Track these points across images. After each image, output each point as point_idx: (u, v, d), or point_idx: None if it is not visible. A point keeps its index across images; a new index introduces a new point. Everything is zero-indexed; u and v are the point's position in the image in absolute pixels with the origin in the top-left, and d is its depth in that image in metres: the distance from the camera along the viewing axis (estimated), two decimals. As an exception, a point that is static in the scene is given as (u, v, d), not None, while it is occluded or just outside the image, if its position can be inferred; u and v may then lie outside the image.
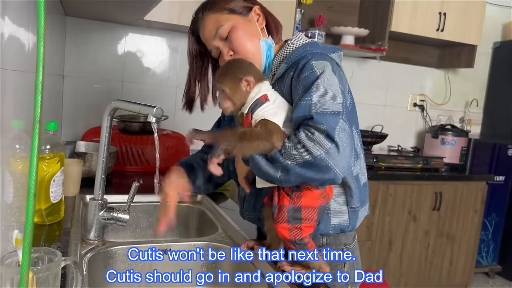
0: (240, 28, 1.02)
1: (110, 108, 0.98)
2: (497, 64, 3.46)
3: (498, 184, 3.16)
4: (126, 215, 1.03)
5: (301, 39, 1.04)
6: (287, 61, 0.99)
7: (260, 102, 0.88)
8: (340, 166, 0.80)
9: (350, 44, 2.69)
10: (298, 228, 0.87)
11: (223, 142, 0.84)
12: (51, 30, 1.59)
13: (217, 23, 1.02)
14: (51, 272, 0.62)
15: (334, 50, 1.04)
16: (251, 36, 1.03)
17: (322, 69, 0.91)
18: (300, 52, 0.99)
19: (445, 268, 2.83)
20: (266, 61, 1.04)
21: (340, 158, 0.80)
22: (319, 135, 0.80)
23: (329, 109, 0.84)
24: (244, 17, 1.04)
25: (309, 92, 0.87)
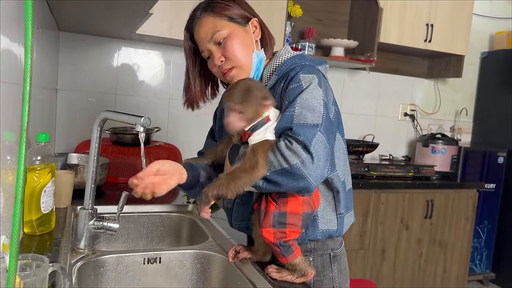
0: (236, 37, 1.05)
1: (100, 118, 1.01)
2: (485, 73, 3.52)
3: (489, 191, 3.19)
4: (116, 224, 1.04)
5: (288, 51, 1.08)
6: (278, 73, 1.03)
7: (261, 122, 0.92)
8: (313, 176, 0.86)
9: (340, 56, 2.74)
10: (283, 232, 0.90)
11: (210, 190, 0.88)
12: (44, 45, 1.62)
13: (215, 27, 1.04)
14: (38, 278, 0.64)
15: (320, 62, 1.07)
16: (245, 47, 1.06)
17: (309, 82, 0.95)
18: (289, 64, 1.02)
19: (439, 276, 2.83)
20: (255, 73, 1.08)
21: (314, 168, 0.85)
22: (297, 145, 0.85)
23: (309, 121, 0.89)
24: (242, 27, 1.06)
25: (293, 104, 0.92)
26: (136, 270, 1.09)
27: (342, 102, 3.03)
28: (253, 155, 0.87)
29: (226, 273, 1.10)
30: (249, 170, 0.86)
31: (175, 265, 1.13)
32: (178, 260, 1.14)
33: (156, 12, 1.96)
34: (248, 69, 1.06)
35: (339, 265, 1.10)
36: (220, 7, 1.05)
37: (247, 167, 0.86)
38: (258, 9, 1.15)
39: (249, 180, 0.86)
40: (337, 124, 1.04)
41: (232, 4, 1.06)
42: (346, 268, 1.16)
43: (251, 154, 0.88)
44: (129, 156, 1.90)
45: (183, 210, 1.53)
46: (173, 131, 2.56)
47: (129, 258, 1.09)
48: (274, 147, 0.87)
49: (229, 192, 0.87)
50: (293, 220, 0.91)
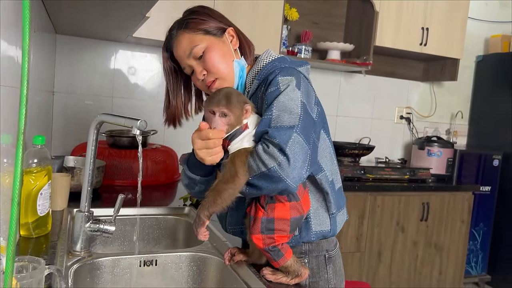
0: (214, 49, 1.05)
1: (96, 121, 1.01)
2: (480, 77, 3.55)
3: (485, 194, 3.21)
4: (112, 227, 1.05)
5: (270, 54, 1.08)
6: (258, 77, 1.04)
7: (239, 131, 0.93)
8: (291, 177, 0.87)
9: (336, 59, 2.75)
10: (271, 238, 0.91)
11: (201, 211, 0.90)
12: (41, 48, 1.63)
13: (192, 43, 1.05)
14: (35, 280, 0.64)
15: (301, 64, 1.07)
16: (224, 57, 1.06)
17: (287, 85, 0.95)
18: (269, 68, 1.03)
19: (435, 278, 2.85)
20: (238, 81, 1.09)
21: (290, 169, 0.86)
22: (273, 148, 0.87)
23: (285, 123, 0.90)
24: (218, 38, 1.07)
25: (270, 107, 0.93)
26: (132, 272, 1.10)
27: (338, 105, 3.05)
28: (232, 165, 0.89)
29: (222, 276, 1.11)
30: (231, 180, 0.88)
31: (171, 268, 1.14)
32: (174, 262, 1.14)
33: (153, 15, 1.96)
34: (231, 79, 1.07)
35: (334, 266, 1.11)
36: (194, 22, 1.06)
37: (228, 178, 0.88)
38: (255, 12, 1.16)
39: (233, 190, 0.88)
40: (321, 124, 1.05)
41: (206, 18, 1.07)
42: (341, 269, 1.17)
43: (230, 164, 0.90)
44: (125, 159, 1.90)
45: (179, 212, 1.54)
46: (170, 134, 2.57)
47: (125, 260, 1.09)
48: (253, 151, 0.90)
49: (218, 207, 0.89)
50: (281, 226, 0.92)
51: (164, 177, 2.00)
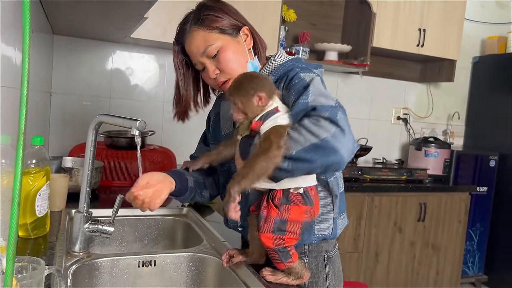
0: (229, 49, 1.04)
1: (95, 122, 1.01)
2: (476, 78, 3.57)
3: (481, 194, 3.22)
4: (111, 227, 1.05)
5: (284, 55, 1.08)
6: (275, 73, 1.02)
7: (271, 112, 0.89)
8: (346, 149, 0.81)
9: (334, 60, 2.76)
10: (281, 239, 0.90)
11: (232, 186, 0.84)
12: (38, 48, 1.63)
13: (207, 42, 1.04)
14: (34, 280, 0.64)
15: (316, 66, 1.07)
16: (238, 57, 1.06)
17: (311, 78, 0.94)
18: (287, 66, 1.03)
19: (432, 279, 2.86)
20: None
21: (346, 140, 0.81)
22: (324, 121, 0.81)
23: (326, 103, 0.86)
24: (233, 37, 1.06)
25: (305, 93, 0.90)
26: (131, 273, 1.10)
27: (336, 106, 3.05)
28: (266, 139, 0.84)
29: (220, 276, 1.11)
30: (264, 152, 0.82)
31: (170, 268, 1.14)
32: (173, 263, 1.14)
33: (151, 16, 1.97)
34: None
35: (333, 267, 1.12)
36: (209, 19, 1.04)
37: (261, 151, 0.83)
38: (252, 13, 1.17)
39: (266, 163, 0.82)
40: None
41: (222, 15, 1.05)
42: (339, 269, 1.17)
43: (263, 138, 0.85)
44: (123, 160, 1.90)
45: (178, 213, 1.54)
46: (168, 135, 2.57)
47: (124, 261, 1.09)
48: (297, 125, 0.84)
49: (250, 182, 0.83)
50: (293, 228, 0.90)
51: (162, 177, 2.00)
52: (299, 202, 0.90)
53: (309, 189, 0.92)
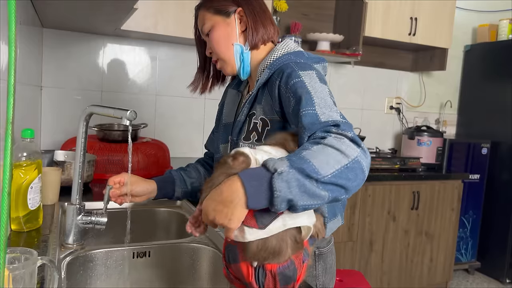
0: (217, 29, 1.06)
1: (86, 113, 1.00)
2: (468, 66, 3.58)
3: (474, 182, 3.25)
4: (104, 218, 1.04)
5: (287, 46, 1.05)
6: (270, 67, 1.00)
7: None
8: (367, 168, 0.76)
9: (326, 50, 2.75)
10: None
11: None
12: (27, 42, 1.61)
13: (202, 21, 1.08)
14: (27, 271, 0.64)
15: (318, 60, 1.04)
16: (226, 39, 1.06)
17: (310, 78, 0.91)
18: (283, 60, 1.00)
19: (426, 266, 2.89)
20: (240, 64, 1.08)
21: (368, 161, 0.77)
22: (348, 141, 0.76)
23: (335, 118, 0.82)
24: (225, 19, 1.06)
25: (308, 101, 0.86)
26: (125, 264, 1.10)
27: (328, 96, 3.05)
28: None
29: (215, 266, 1.11)
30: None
31: (165, 258, 1.14)
32: (167, 253, 1.14)
33: (141, 7, 1.95)
34: (231, 61, 1.08)
35: (324, 263, 1.09)
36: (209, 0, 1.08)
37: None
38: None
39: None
40: None
41: None
42: (332, 267, 1.14)
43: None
44: (116, 153, 1.89)
45: (172, 205, 1.53)
46: (160, 127, 2.56)
47: (118, 252, 1.09)
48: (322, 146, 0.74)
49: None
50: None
51: (156, 170, 1.99)
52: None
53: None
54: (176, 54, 2.55)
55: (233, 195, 0.69)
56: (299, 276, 0.75)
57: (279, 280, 0.72)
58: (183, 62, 2.56)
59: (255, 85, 1.04)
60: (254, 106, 1.05)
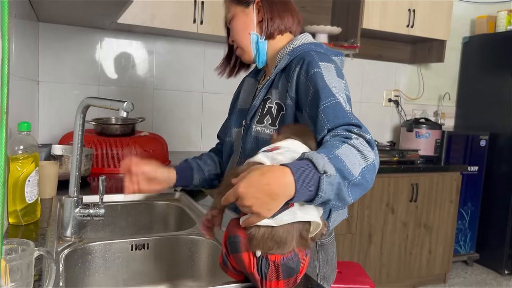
0: (236, 19, 1.13)
1: (83, 105, 1.00)
2: (466, 58, 3.58)
3: (472, 174, 3.26)
4: (101, 210, 1.04)
5: (307, 37, 1.11)
6: (291, 54, 1.06)
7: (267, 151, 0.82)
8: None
9: (324, 42, 2.74)
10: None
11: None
12: (23, 36, 1.60)
13: (227, 10, 1.16)
14: (24, 261, 0.64)
15: (336, 53, 1.09)
16: (243, 28, 1.13)
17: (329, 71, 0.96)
18: (304, 48, 1.05)
19: (425, 258, 2.90)
20: (256, 53, 1.14)
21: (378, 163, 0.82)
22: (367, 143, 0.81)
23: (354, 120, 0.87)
24: (244, 9, 1.12)
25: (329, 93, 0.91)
26: (124, 256, 1.10)
27: (327, 89, 3.05)
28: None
29: (214, 258, 1.11)
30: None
31: (163, 251, 1.14)
32: (166, 245, 1.14)
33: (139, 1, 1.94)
34: (248, 49, 1.14)
35: (325, 254, 1.10)
36: None
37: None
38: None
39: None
40: None
41: None
42: (333, 259, 1.15)
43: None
44: (114, 147, 1.89)
45: (170, 198, 1.53)
46: (158, 121, 2.55)
47: (116, 245, 1.09)
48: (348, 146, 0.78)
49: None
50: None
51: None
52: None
53: None
54: (173, 47, 2.54)
55: (283, 189, 0.68)
56: (302, 268, 0.75)
57: (282, 271, 0.72)
58: (180, 56, 2.55)
59: (272, 71, 1.10)
60: (270, 91, 1.10)
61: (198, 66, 2.61)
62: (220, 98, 2.67)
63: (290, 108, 1.02)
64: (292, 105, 1.02)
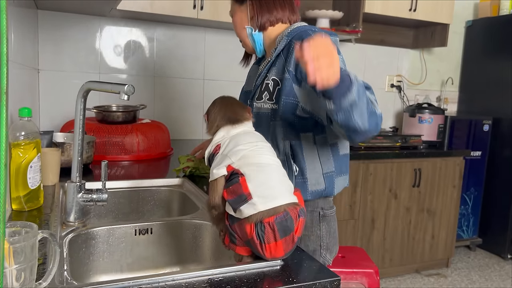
0: (235, 16, 1.27)
1: (83, 89, 0.99)
2: (469, 42, 3.54)
3: (475, 159, 3.25)
4: (104, 194, 1.04)
5: (301, 23, 1.23)
6: (288, 35, 1.17)
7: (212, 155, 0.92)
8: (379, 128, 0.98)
9: (326, 27, 2.71)
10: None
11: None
12: (21, 23, 1.58)
13: (230, 9, 1.29)
14: (28, 243, 0.63)
15: (331, 34, 1.17)
16: (240, 23, 1.26)
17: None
18: (300, 28, 1.17)
19: (428, 243, 2.90)
20: (255, 43, 1.26)
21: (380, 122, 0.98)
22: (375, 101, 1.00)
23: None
24: (240, 6, 1.25)
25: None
26: (127, 241, 1.10)
27: (328, 75, 3.02)
28: None
29: (217, 242, 1.11)
30: None
31: (167, 235, 1.14)
32: (169, 230, 1.14)
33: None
34: (247, 41, 1.27)
35: (328, 226, 1.13)
36: None
37: None
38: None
39: None
40: None
41: None
42: (335, 232, 1.19)
43: None
44: (115, 135, 1.88)
45: (173, 184, 1.53)
46: (160, 108, 2.54)
47: (120, 230, 1.09)
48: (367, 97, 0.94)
49: None
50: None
51: (157, 152, 1.99)
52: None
53: None
54: (173, 34, 2.52)
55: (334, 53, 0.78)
56: (296, 227, 0.79)
57: (278, 230, 0.76)
58: (181, 43, 2.53)
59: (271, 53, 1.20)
60: (270, 70, 1.20)
61: (199, 53, 2.59)
62: (221, 85, 2.65)
63: (288, 82, 1.11)
64: (289, 79, 1.11)
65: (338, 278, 0.79)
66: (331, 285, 0.79)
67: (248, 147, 0.85)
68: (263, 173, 0.82)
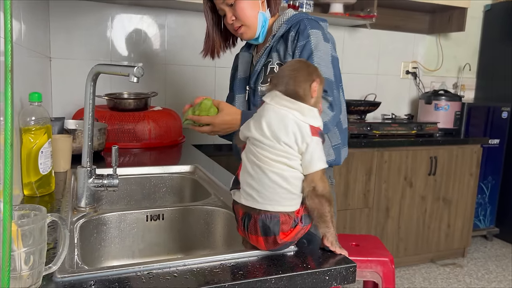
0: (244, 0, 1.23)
1: (92, 73, 0.97)
2: (488, 27, 3.43)
3: (493, 147, 3.17)
4: (115, 180, 1.03)
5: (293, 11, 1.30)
6: (288, 22, 1.25)
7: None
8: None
9: (339, 12, 2.66)
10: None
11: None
12: (32, 12, 1.57)
13: None
14: (36, 226, 0.62)
15: (322, 20, 1.29)
16: (252, 8, 1.24)
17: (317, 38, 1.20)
18: (298, 16, 1.26)
19: (443, 232, 2.85)
20: (261, 30, 1.29)
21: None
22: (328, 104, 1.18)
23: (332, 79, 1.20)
24: None
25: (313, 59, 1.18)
26: (139, 227, 1.09)
27: (342, 61, 2.97)
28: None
29: (230, 228, 1.09)
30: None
31: (178, 221, 1.12)
32: (181, 216, 1.13)
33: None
34: (254, 27, 1.27)
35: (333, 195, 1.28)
36: None
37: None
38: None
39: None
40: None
41: None
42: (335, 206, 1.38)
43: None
44: (127, 122, 1.87)
45: (185, 171, 1.52)
46: (171, 96, 2.53)
47: (131, 215, 1.08)
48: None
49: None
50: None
51: (168, 139, 1.98)
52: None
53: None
54: (184, 21, 2.49)
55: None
56: (284, 233, 0.75)
57: (259, 227, 0.75)
58: (192, 30, 2.50)
59: (269, 40, 1.28)
60: (271, 55, 1.27)
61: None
62: (233, 72, 2.62)
63: None
64: None
65: (354, 265, 0.77)
66: (347, 272, 0.77)
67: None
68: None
